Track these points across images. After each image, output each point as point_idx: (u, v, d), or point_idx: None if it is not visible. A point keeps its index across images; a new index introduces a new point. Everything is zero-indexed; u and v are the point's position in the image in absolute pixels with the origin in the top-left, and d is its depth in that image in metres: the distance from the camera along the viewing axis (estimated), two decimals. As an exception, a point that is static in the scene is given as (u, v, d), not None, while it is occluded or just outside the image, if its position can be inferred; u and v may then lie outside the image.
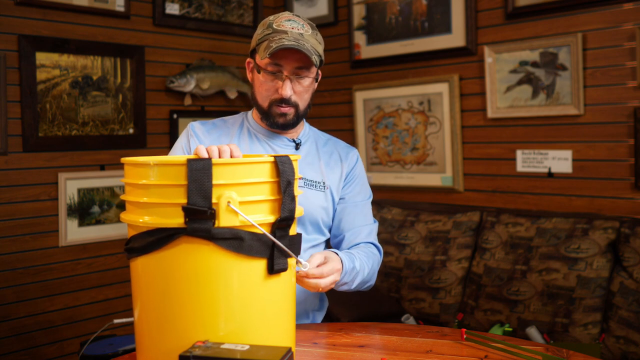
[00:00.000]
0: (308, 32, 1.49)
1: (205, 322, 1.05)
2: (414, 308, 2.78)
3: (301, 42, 1.44)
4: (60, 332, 2.88)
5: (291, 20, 1.49)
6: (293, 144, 1.61)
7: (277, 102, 1.51)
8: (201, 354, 0.95)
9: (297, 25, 1.48)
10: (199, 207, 1.01)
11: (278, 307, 1.12)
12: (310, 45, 1.47)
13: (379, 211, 3.09)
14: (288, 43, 1.42)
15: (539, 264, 2.44)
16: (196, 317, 1.05)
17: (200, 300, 1.05)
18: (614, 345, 2.22)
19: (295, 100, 1.52)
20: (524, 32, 2.75)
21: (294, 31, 1.46)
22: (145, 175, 1.07)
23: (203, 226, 1.02)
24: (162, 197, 1.05)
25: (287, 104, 1.51)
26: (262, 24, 1.52)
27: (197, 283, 1.05)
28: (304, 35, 1.47)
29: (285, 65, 1.48)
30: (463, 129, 3.00)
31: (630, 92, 2.48)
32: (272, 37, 1.46)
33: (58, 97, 2.86)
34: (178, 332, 1.06)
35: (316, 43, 1.50)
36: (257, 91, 1.55)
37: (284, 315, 1.13)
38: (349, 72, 3.45)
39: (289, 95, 1.49)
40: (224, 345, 0.98)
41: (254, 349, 0.97)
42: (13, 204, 2.73)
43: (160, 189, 1.05)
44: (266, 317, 1.10)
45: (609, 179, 2.56)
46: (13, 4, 2.72)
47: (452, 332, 1.37)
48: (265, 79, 1.51)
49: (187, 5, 3.35)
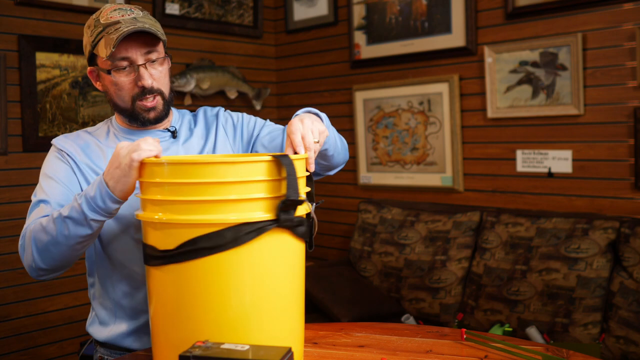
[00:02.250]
0: (139, 14, 1.37)
1: (290, 305, 1.15)
2: (414, 308, 2.78)
3: (139, 24, 1.33)
4: (60, 332, 2.88)
5: (117, 9, 1.36)
6: (168, 133, 1.49)
7: (139, 96, 1.38)
8: (201, 354, 0.95)
9: (126, 11, 1.36)
10: (297, 199, 1.08)
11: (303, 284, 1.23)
12: (150, 25, 1.35)
13: (379, 211, 3.09)
14: (128, 29, 1.30)
15: (539, 264, 2.44)
16: (287, 302, 1.14)
17: (286, 287, 1.13)
18: (614, 345, 2.22)
19: (158, 87, 1.40)
20: (524, 32, 2.75)
21: (126, 17, 1.34)
22: (226, 174, 1.07)
23: (290, 217, 1.09)
24: (246, 192, 1.08)
25: (150, 93, 1.38)
26: (88, 26, 1.38)
27: (282, 271, 1.12)
28: (138, 18, 1.35)
29: (132, 54, 1.35)
30: (463, 129, 3.00)
31: (630, 92, 2.48)
32: (108, 32, 1.32)
33: (58, 97, 2.86)
34: (277, 319, 1.13)
35: (152, 22, 1.38)
36: (114, 95, 1.40)
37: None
38: (349, 72, 3.45)
39: (150, 84, 1.37)
40: (224, 345, 0.98)
41: (254, 349, 0.97)
42: (13, 204, 2.73)
43: (244, 185, 1.08)
44: (302, 296, 1.20)
45: (609, 179, 2.56)
46: (13, 4, 2.72)
47: (452, 332, 1.37)
48: (118, 78, 1.37)
49: (187, 5, 3.36)
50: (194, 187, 1.06)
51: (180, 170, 1.08)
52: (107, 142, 1.46)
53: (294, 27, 3.71)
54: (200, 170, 1.07)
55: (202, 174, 1.07)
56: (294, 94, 3.78)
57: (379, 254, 2.96)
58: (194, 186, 1.06)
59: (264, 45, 3.79)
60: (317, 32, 3.61)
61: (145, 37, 1.36)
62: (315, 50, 3.63)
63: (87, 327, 1.51)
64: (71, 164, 1.42)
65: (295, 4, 3.70)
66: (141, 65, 1.36)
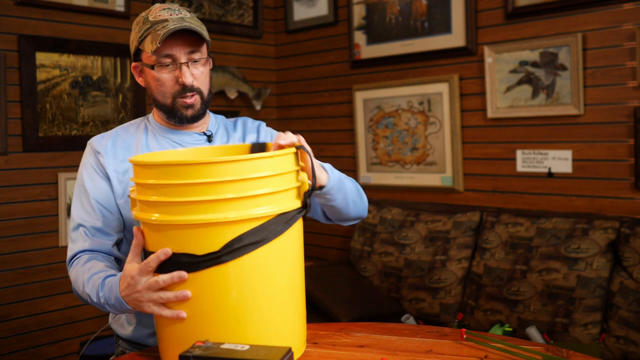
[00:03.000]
0: (187, 15, 1.42)
1: (303, 289, 1.24)
2: (414, 308, 2.78)
3: (186, 24, 1.37)
4: (60, 332, 2.88)
5: (166, 8, 1.41)
6: (204, 137, 1.52)
7: (180, 93, 1.42)
8: (201, 354, 0.95)
9: (174, 11, 1.41)
10: (318, 185, 1.21)
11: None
12: (196, 26, 1.39)
13: (379, 211, 3.09)
14: (175, 27, 1.35)
15: (539, 264, 2.44)
16: (303, 285, 1.22)
17: (302, 270, 1.22)
18: (614, 345, 2.22)
19: (198, 87, 1.44)
20: (524, 32, 2.75)
21: (174, 17, 1.39)
22: (262, 168, 1.10)
23: (309, 202, 1.19)
24: (280, 185, 1.13)
25: (190, 91, 1.42)
26: (137, 22, 1.43)
27: (300, 254, 1.22)
28: (185, 18, 1.40)
29: (176, 52, 1.40)
30: (463, 129, 3.00)
31: (630, 92, 2.48)
32: (155, 29, 1.37)
33: (58, 97, 2.86)
34: (302, 303, 1.22)
35: (199, 24, 1.43)
36: (155, 90, 1.44)
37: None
38: (349, 72, 3.45)
39: (190, 82, 1.41)
40: (224, 345, 0.98)
41: (254, 349, 0.97)
42: (13, 204, 2.74)
43: (277, 177, 1.12)
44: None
45: (609, 179, 2.56)
46: (13, 4, 2.72)
47: (452, 332, 1.37)
48: (160, 74, 1.41)
49: (187, 5, 3.36)
50: (232, 184, 1.07)
51: (215, 169, 1.07)
52: (144, 139, 1.51)
53: (294, 27, 3.71)
54: (236, 168, 1.07)
55: (237, 170, 1.07)
56: (294, 94, 3.78)
57: (379, 254, 2.96)
58: (232, 184, 1.07)
59: (264, 45, 3.79)
60: (317, 32, 3.61)
61: (189, 36, 1.40)
62: (315, 50, 3.63)
63: (111, 323, 1.55)
64: (105, 168, 1.48)
65: (295, 4, 3.70)
66: (183, 64, 1.41)
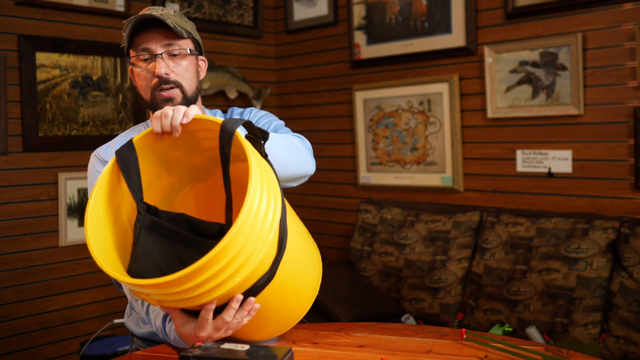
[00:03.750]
0: (169, 12, 1.43)
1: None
2: (414, 308, 2.78)
3: (158, 16, 1.37)
4: (60, 332, 2.88)
5: (150, 8, 1.43)
6: None
7: (157, 87, 1.41)
8: (201, 354, 0.95)
9: (157, 9, 1.42)
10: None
11: None
12: (172, 21, 1.39)
13: (379, 211, 3.09)
14: (140, 17, 1.36)
15: (539, 264, 2.44)
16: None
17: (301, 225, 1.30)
18: (614, 345, 2.22)
19: (176, 79, 1.42)
20: (524, 32, 2.75)
21: (152, 12, 1.39)
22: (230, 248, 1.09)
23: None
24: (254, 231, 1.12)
25: (166, 83, 1.40)
26: (125, 23, 1.44)
27: (297, 221, 1.28)
28: (164, 15, 1.39)
29: (152, 45, 1.40)
30: (463, 129, 3.00)
31: (630, 92, 2.48)
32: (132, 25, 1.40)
33: (58, 97, 2.86)
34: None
35: (181, 21, 1.43)
36: (138, 86, 1.45)
37: None
38: (349, 72, 3.45)
39: (163, 72, 1.39)
40: (224, 345, 0.98)
41: (254, 349, 0.97)
42: (13, 204, 2.73)
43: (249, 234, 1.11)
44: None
45: (609, 179, 2.56)
46: (13, 4, 2.72)
47: (452, 332, 1.37)
48: (140, 69, 1.42)
49: (187, 5, 3.36)
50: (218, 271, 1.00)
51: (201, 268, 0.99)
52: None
53: (294, 27, 3.71)
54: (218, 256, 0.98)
55: (220, 257, 0.98)
56: (294, 94, 3.78)
57: (379, 254, 2.96)
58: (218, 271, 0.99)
59: (264, 45, 3.79)
60: (317, 32, 3.61)
61: (166, 31, 1.40)
62: (315, 50, 3.63)
63: (126, 322, 1.56)
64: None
65: (295, 4, 3.69)
66: (158, 55, 1.40)
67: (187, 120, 1.14)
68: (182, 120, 1.14)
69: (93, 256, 1.04)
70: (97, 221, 1.12)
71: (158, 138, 1.17)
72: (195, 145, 1.21)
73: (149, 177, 1.20)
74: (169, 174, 1.26)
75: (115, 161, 1.16)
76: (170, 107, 1.17)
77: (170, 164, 1.24)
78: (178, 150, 1.22)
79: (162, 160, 1.22)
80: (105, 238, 1.13)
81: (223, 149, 1.09)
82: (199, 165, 1.27)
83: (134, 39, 1.42)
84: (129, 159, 1.17)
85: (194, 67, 1.48)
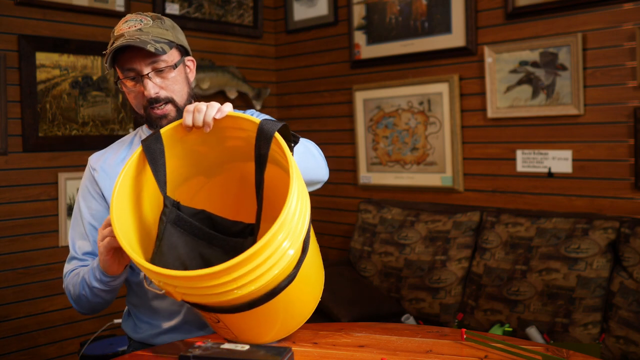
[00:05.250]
0: (148, 24, 1.39)
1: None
2: (414, 308, 2.78)
3: (137, 37, 1.35)
4: (60, 332, 2.88)
5: (128, 20, 1.40)
6: None
7: (149, 106, 1.41)
8: (201, 354, 0.95)
9: (134, 22, 1.39)
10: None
11: None
12: (152, 37, 1.36)
13: (379, 211, 3.09)
14: (120, 43, 1.34)
15: (539, 264, 2.44)
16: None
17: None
18: (614, 345, 2.22)
19: (167, 96, 1.41)
20: (524, 32, 2.75)
21: (131, 30, 1.37)
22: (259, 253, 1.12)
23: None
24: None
25: (157, 102, 1.40)
26: (107, 52, 1.41)
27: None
28: (143, 29, 1.37)
29: (137, 65, 1.38)
30: (463, 129, 3.00)
31: (630, 92, 2.48)
32: (112, 46, 1.37)
33: (58, 97, 2.86)
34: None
35: (161, 31, 1.40)
36: (130, 102, 1.46)
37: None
38: (349, 72, 3.45)
39: (153, 94, 1.39)
40: (224, 345, 0.98)
41: (253, 349, 0.97)
42: (13, 204, 2.74)
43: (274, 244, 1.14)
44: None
45: (609, 179, 2.56)
46: (13, 4, 2.72)
47: (452, 332, 1.37)
48: (130, 88, 1.42)
49: (187, 5, 3.36)
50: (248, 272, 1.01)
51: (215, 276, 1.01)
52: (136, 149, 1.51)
53: (294, 27, 3.71)
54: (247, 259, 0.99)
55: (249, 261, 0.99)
56: (294, 94, 3.78)
57: (379, 254, 2.96)
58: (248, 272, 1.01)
59: (264, 45, 3.79)
60: (317, 32, 3.61)
61: (143, 49, 1.37)
62: (315, 50, 3.63)
63: (123, 326, 1.58)
64: (99, 186, 1.49)
65: (295, 4, 3.70)
66: (145, 76, 1.39)
67: (221, 116, 1.15)
68: (216, 115, 1.15)
69: (123, 248, 1.06)
70: (121, 211, 1.13)
71: (187, 131, 1.18)
72: (221, 142, 1.21)
73: (169, 169, 1.21)
74: (190, 168, 1.27)
75: (141, 151, 1.18)
76: (204, 103, 1.18)
77: (194, 158, 1.26)
78: (206, 145, 1.23)
79: (187, 154, 1.24)
80: (128, 229, 1.14)
81: (259, 149, 1.10)
82: (216, 162, 1.28)
83: (117, 58, 1.40)
84: (156, 150, 1.18)
85: (183, 75, 1.46)
